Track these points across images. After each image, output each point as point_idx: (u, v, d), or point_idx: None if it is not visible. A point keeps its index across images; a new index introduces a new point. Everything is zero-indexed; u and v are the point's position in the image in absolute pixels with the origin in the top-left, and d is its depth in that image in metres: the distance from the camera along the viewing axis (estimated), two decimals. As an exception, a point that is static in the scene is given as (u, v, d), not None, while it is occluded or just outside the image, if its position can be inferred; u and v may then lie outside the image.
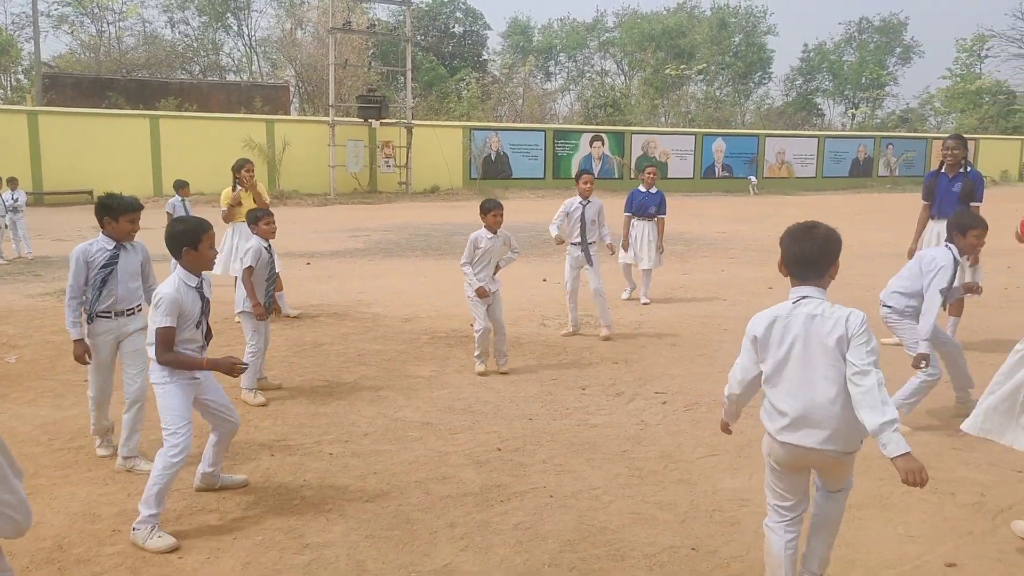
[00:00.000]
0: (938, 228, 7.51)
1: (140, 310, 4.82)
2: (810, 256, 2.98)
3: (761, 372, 3.05)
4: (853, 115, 58.05)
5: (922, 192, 7.80)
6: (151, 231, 8.05)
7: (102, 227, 4.70)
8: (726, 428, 3.49)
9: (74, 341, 4.71)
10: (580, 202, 8.06)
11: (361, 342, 7.94)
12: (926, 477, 2.68)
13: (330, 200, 28.57)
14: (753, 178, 37.47)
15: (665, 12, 57.34)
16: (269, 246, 6.21)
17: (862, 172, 42.19)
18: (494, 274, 6.93)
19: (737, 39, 56.69)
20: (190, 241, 4.00)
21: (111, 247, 4.67)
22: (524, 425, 5.50)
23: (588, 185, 8.10)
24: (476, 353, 6.83)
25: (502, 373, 6.77)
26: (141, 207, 4.79)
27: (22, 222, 14.25)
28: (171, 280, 4.02)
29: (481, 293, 6.70)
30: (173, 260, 4.12)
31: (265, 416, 5.68)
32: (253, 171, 8.92)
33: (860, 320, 2.88)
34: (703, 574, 3.61)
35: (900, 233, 17.35)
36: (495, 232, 6.81)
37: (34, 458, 4.88)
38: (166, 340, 3.90)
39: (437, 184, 32.42)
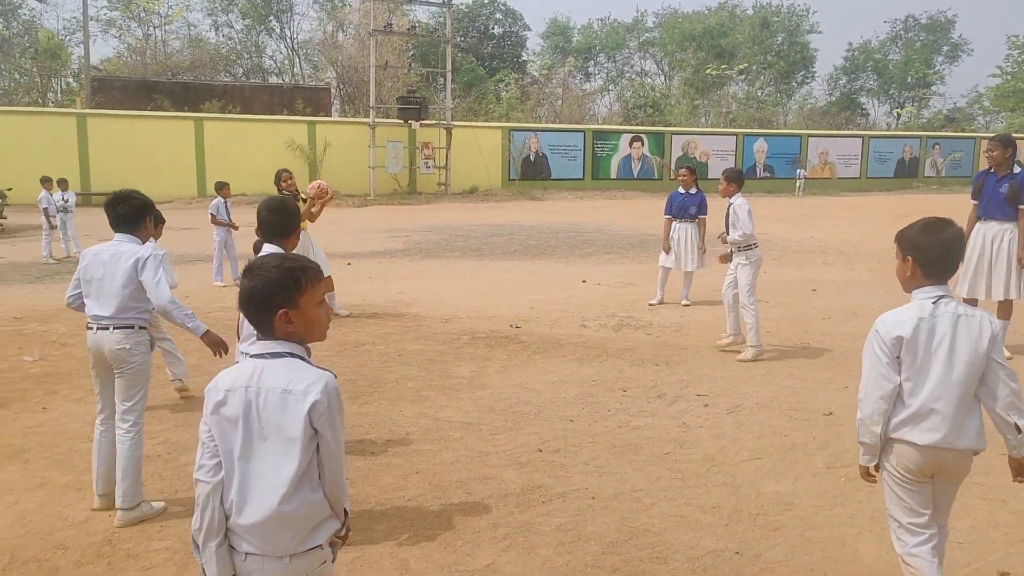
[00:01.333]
0: (984, 228, 7.34)
1: None
2: (953, 252, 2.91)
3: (899, 381, 2.88)
4: (898, 115, 56.98)
5: (971, 191, 7.63)
6: (195, 231, 8.18)
7: (145, 231, 4.26)
8: (868, 474, 3.10)
9: (209, 332, 4.21)
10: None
11: (402, 342, 7.99)
12: None
13: (370, 201, 28.83)
14: (801, 171, 36.58)
15: (706, 12, 56.90)
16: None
17: (908, 173, 41.40)
18: None
19: (779, 38, 55.99)
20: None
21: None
22: (565, 426, 5.48)
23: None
24: None
25: None
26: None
27: (72, 222, 14.60)
28: None
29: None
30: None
31: (308, 414, 5.74)
32: (290, 178, 9.16)
33: (996, 319, 2.91)
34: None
35: (948, 234, 16.99)
36: None
37: (84, 455, 4.98)
38: None
39: (476, 185, 32.54)
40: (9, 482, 4.58)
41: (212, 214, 11.83)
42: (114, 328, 4.06)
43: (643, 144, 36.54)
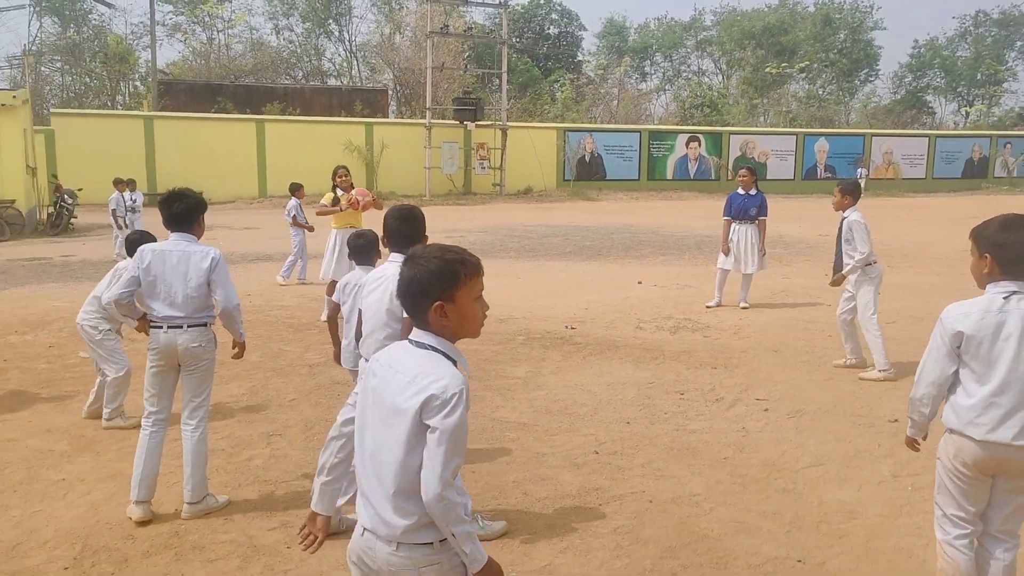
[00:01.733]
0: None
1: None
2: None
3: (954, 371, 2.93)
4: (967, 113, 55.18)
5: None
6: (256, 231, 8.35)
7: (199, 228, 4.31)
8: (913, 444, 3.20)
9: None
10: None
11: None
12: None
13: (425, 201, 29.06)
14: (862, 171, 35.52)
15: (766, 9, 55.89)
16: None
17: (976, 173, 40.06)
18: None
19: (842, 35, 54.71)
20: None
21: None
22: (622, 428, 5.45)
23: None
24: None
25: None
26: None
27: (139, 222, 15.02)
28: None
29: None
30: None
31: (366, 412, 5.82)
32: (346, 175, 9.39)
33: None
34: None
35: (1019, 237, 16.39)
36: None
37: (152, 446, 5.13)
38: None
39: (530, 185, 32.56)
40: (81, 472, 4.74)
41: (294, 215, 12.07)
42: (188, 327, 4.13)
43: (700, 144, 36.09)
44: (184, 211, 4.16)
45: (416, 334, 2.17)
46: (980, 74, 55.01)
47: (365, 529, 2.13)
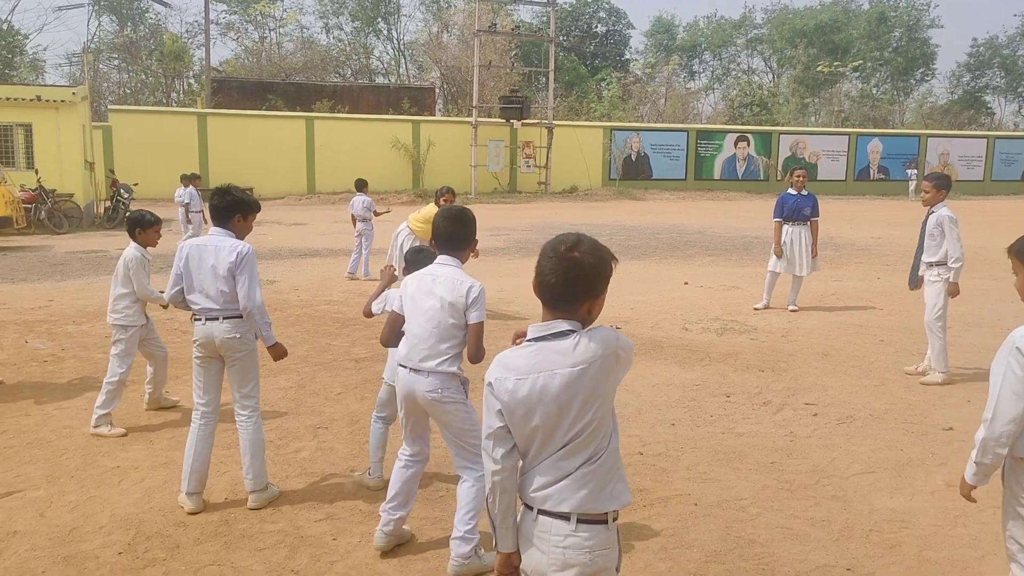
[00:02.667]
0: None
1: None
2: None
3: None
4: (1027, 114, 53.57)
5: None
6: (305, 227, 8.46)
7: (236, 226, 4.30)
8: (970, 493, 2.96)
9: (277, 344, 4.41)
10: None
11: (501, 340, 8.02)
12: None
13: (471, 199, 29.15)
14: (913, 172, 34.39)
15: (818, 7, 54.90)
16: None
17: (1037, 175, 38.88)
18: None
19: (897, 33, 53.50)
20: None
21: None
22: (666, 430, 5.40)
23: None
24: None
25: None
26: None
27: (197, 217, 15.33)
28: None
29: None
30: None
31: (411, 408, 5.86)
32: (452, 198, 8.63)
33: None
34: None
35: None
36: None
37: (203, 436, 5.24)
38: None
39: (576, 184, 32.47)
40: (136, 460, 4.86)
41: (369, 210, 12.35)
42: (223, 318, 4.18)
43: (749, 144, 35.62)
44: (224, 207, 4.21)
45: (547, 326, 2.19)
46: (1042, 73, 53.36)
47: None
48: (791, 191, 9.62)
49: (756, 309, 9.57)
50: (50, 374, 6.71)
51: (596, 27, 55.18)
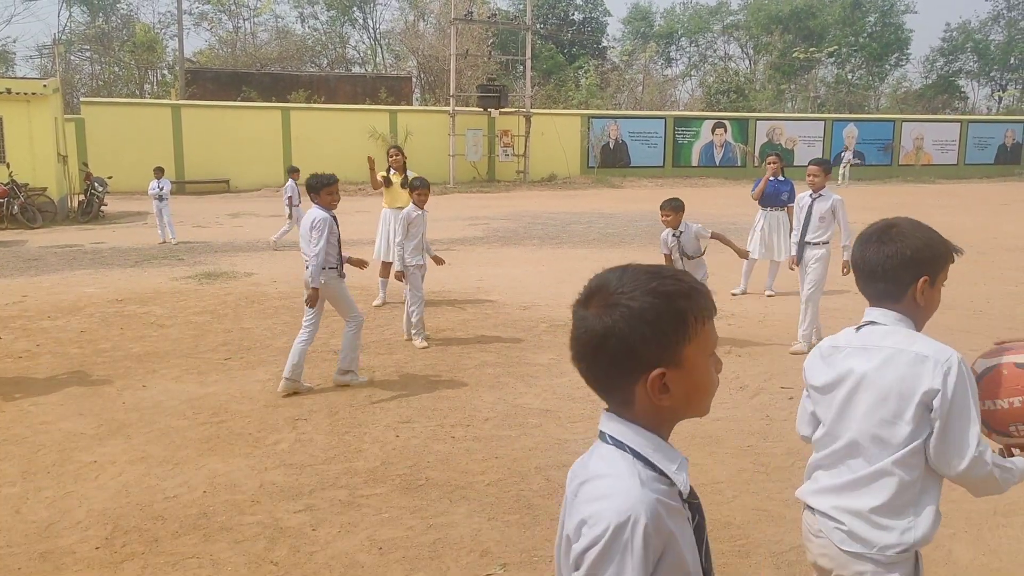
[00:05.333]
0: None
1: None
2: None
3: None
4: (1000, 98, 54.17)
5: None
6: (282, 219, 8.40)
7: (321, 198, 6.07)
8: None
9: (314, 291, 5.90)
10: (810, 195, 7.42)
11: (481, 329, 8.06)
12: None
13: (449, 189, 29.10)
14: (847, 155, 32.99)
15: (793, -8, 55.14)
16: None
17: (1010, 159, 39.34)
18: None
19: (872, 19, 53.84)
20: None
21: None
22: (644, 416, 5.44)
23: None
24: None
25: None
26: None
27: (167, 209, 15.20)
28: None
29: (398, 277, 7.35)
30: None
31: (390, 398, 5.87)
32: (396, 154, 9.37)
33: None
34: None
35: (1053, 224, 16.11)
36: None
37: (180, 431, 5.22)
38: None
39: (554, 173, 32.47)
40: (113, 454, 4.84)
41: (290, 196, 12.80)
42: (325, 268, 5.94)
43: (726, 130, 35.77)
44: (308, 185, 6.06)
45: (609, 423, 1.40)
46: (1013, 58, 53.93)
47: None
48: (769, 176, 9.67)
49: (733, 295, 9.64)
50: (25, 370, 6.65)
51: (573, 15, 55.08)
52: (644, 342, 1.28)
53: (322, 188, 6.06)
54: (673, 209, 7.23)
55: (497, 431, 5.19)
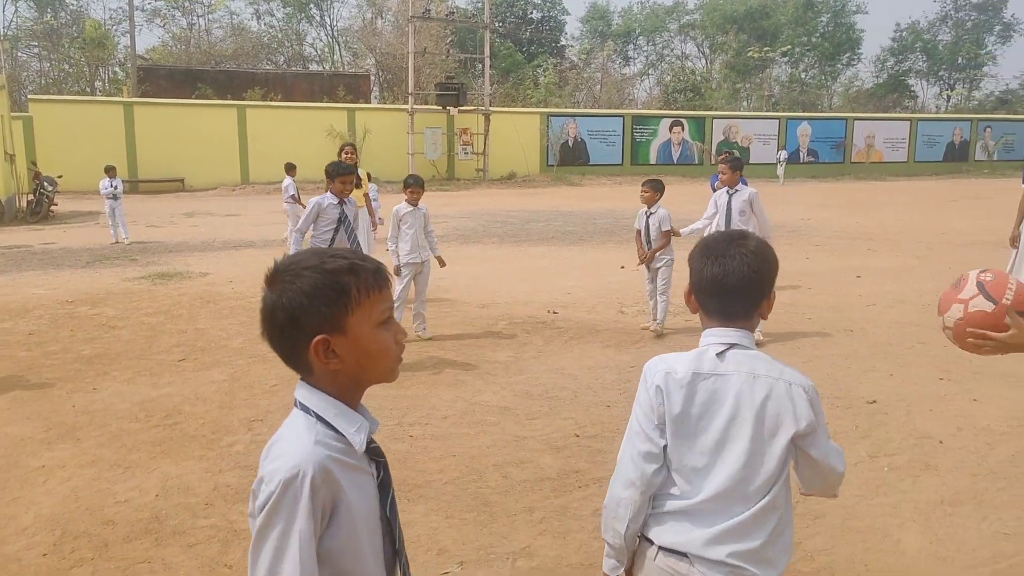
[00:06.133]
0: (1040, 214, 7.16)
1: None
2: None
3: None
4: (948, 97, 55.58)
5: (1022, 176, 7.43)
6: (239, 217, 8.31)
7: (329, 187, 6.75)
8: None
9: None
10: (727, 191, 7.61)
11: (440, 327, 8.04)
12: None
13: (409, 187, 28.99)
14: (783, 154, 33.39)
15: (748, -7, 55.92)
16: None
17: (957, 156, 40.39)
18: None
19: (824, 19, 54.84)
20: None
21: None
22: (602, 412, 5.48)
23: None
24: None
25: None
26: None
27: (120, 209, 14.90)
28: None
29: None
30: None
31: (348, 398, 5.82)
32: (351, 152, 9.58)
33: None
34: (788, 567, 3.53)
35: (1000, 220, 16.57)
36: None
37: (132, 434, 5.12)
38: None
39: (514, 171, 32.52)
40: (62, 459, 4.73)
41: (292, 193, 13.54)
42: None
43: (683, 129, 36.15)
44: (327, 171, 6.61)
45: (300, 390, 1.52)
46: (961, 58, 55.33)
47: None
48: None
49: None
50: (-31, 374, 6.46)
51: (531, 13, 55.22)
52: (304, 312, 1.44)
53: (337, 176, 6.56)
54: (652, 188, 7.61)
55: (455, 429, 5.18)
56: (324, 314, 1.45)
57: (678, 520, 1.93)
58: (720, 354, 1.95)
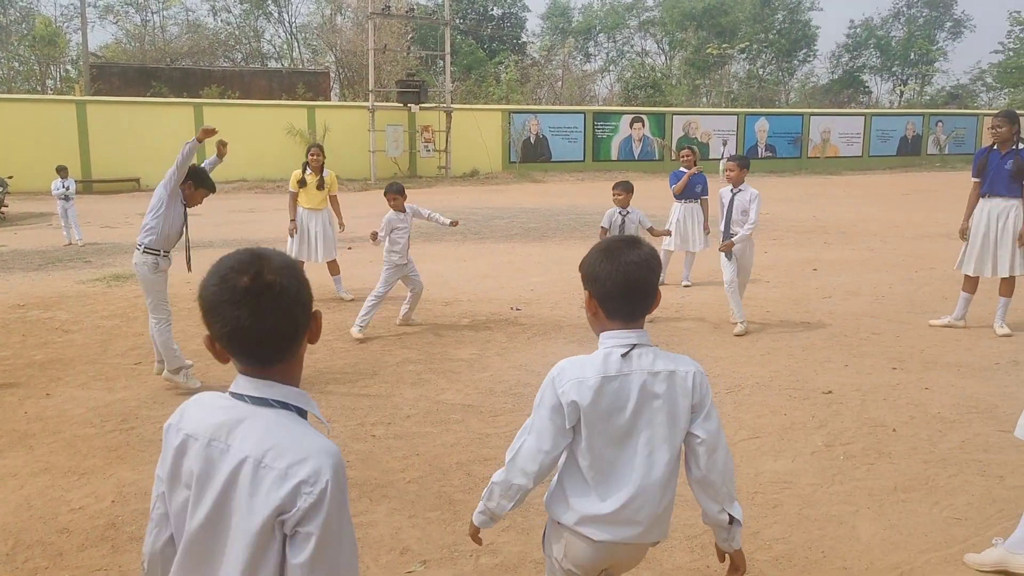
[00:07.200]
0: (988, 206, 7.33)
1: None
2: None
3: None
4: (901, 92, 56.63)
5: (972, 169, 7.61)
6: (198, 217, 8.22)
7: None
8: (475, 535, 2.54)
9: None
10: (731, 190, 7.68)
11: (402, 326, 8.01)
12: None
13: (371, 185, 28.75)
14: (724, 150, 32.57)
15: (706, -10, 56.41)
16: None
17: (910, 151, 41.19)
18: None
19: (780, 16, 55.56)
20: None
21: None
22: (564, 407, 5.50)
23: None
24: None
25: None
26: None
27: (73, 210, 14.59)
28: None
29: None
30: None
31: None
32: (317, 154, 9.35)
33: None
34: (745, 556, 3.58)
35: (950, 213, 16.95)
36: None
37: (87, 439, 5.03)
38: None
39: (476, 168, 32.46)
40: (14, 467, 4.62)
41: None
42: None
43: (644, 125, 36.38)
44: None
45: (268, 388, 1.56)
46: (913, 54, 56.44)
47: None
48: (683, 169, 9.91)
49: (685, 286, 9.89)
50: (-84, 382, 6.28)
51: (492, 9, 55.11)
52: (308, 293, 1.61)
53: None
54: (624, 190, 7.83)
55: (418, 428, 5.17)
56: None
57: (598, 522, 2.16)
58: (625, 355, 2.14)
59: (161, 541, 1.65)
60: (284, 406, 1.55)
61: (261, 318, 1.50)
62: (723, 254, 7.55)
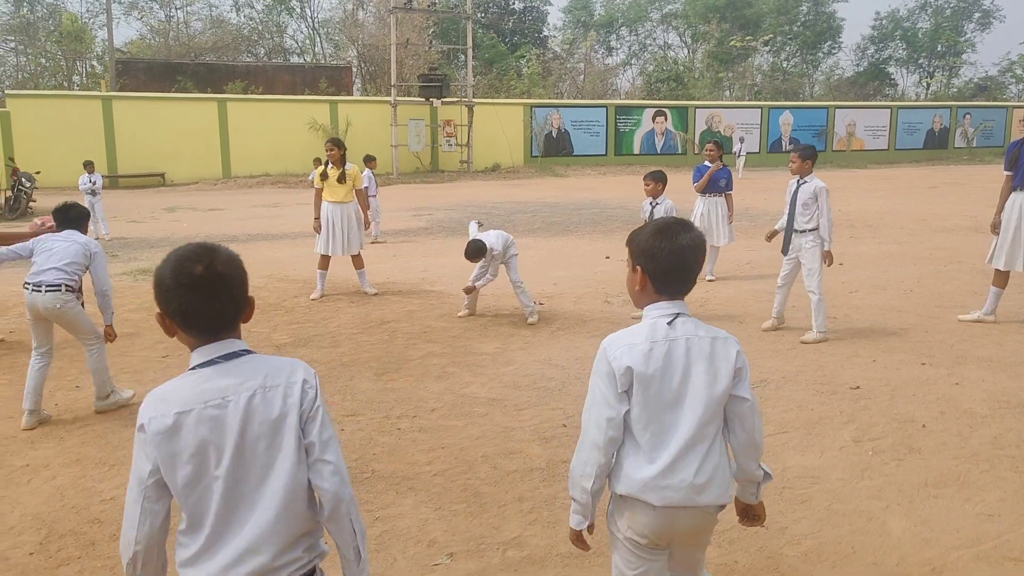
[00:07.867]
0: (1020, 200, 7.22)
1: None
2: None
3: None
4: (928, 84, 55.90)
5: (1004, 162, 7.49)
6: (221, 212, 8.20)
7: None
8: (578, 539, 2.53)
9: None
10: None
11: (426, 319, 8.03)
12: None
13: (392, 179, 28.87)
14: (740, 146, 31.02)
15: (730, -18, 55.91)
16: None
17: (937, 144, 40.68)
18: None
19: (805, 7, 54.98)
20: None
21: None
22: (589, 401, 5.49)
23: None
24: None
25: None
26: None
27: (99, 204, 14.77)
28: None
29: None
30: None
31: (335, 392, 5.81)
32: (331, 148, 9.21)
33: None
34: (773, 551, 3.56)
35: (978, 206, 16.72)
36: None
37: (116, 432, 5.09)
38: None
39: (498, 162, 32.47)
40: (46, 458, 4.69)
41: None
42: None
43: (666, 119, 36.20)
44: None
45: (236, 344, 1.93)
46: (940, 45, 55.65)
47: None
48: (707, 163, 9.85)
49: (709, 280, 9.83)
50: (-50, 374, 6.39)
51: (514, 3, 55.00)
52: (246, 279, 1.99)
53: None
54: (655, 179, 7.68)
55: (443, 421, 5.18)
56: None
57: (651, 486, 2.26)
58: (670, 323, 2.29)
59: (156, 527, 1.85)
60: (247, 352, 1.93)
61: (212, 300, 1.85)
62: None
